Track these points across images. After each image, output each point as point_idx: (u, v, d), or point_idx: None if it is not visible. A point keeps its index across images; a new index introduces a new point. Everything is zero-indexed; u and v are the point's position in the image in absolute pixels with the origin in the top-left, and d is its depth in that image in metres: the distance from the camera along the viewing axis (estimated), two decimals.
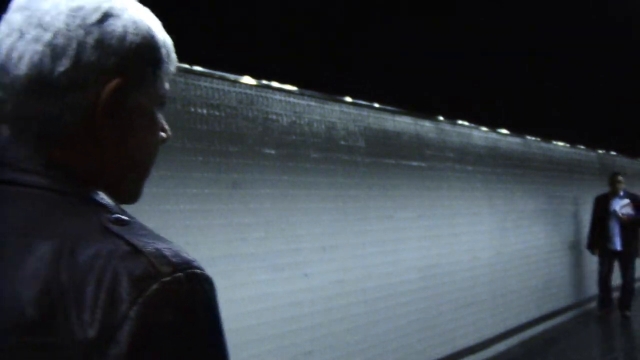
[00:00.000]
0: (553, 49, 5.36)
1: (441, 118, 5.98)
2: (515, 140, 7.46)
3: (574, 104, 7.14)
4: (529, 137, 7.74)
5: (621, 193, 8.31)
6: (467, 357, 5.93)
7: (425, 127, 5.75)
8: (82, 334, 0.60)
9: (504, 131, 7.13)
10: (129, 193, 0.83)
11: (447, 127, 6.10)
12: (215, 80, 3.78)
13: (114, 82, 0.73)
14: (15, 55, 0.70)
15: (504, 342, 6.66)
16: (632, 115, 8.49)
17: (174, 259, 0.65)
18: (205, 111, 3.69)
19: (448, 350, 5.65)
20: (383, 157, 5.12)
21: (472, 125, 6.48)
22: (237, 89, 3.92)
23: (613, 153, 10.65)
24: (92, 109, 0.72)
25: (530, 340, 7.13)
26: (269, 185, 4.05)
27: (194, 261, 0.67)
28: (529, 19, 4.73)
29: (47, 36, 0.70)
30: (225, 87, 3.84)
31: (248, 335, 3.79)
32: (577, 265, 8.73)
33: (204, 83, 3.71)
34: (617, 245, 8.11)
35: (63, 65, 0.70)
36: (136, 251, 0.65)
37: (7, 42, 0.71)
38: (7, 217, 0.68)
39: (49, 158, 0.72)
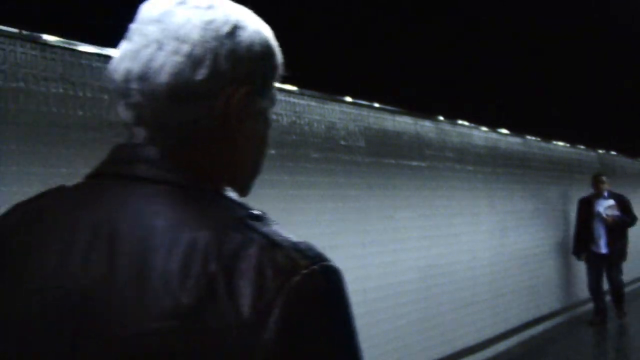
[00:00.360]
0: (553, 49, 5.37)
1: (441, 118, 5.98)
2: (515, 140, 7.46)
3: (574, 104, 7.14)
4: (529, 137, 7.74)
5: (605, 194, 7.98)
6: (467, 357, 5.94)
7: (425, 127, 5.76)
8: (232, 320, 0.67)
9: (504, 131, 7.13)
10: (244, 189, 0.89)
11: (447, 127, 6.10)
12: None
13: (244, 90, 0.80)
14: (155, 65, 0.77)
15: (504, 342, 6.66)
16: (632, 115, 8.48)
17: (309, 253, 0.72)
18: None
19: (448, 350, 5.65)
20: (383, 157, 5.12)
21: (472, 125, 6.48)
22: None
23: (613, 153, 10.65)
24: (225, 114, 0.79)
25: (530, 340, 7.13)
26: (269, 185, 4.04)
27: (324, 254, 0.73)
28: (529, 18, 4.73)
29: (186, 48, 0.77)
30: None
31: None
32: (577, 265, 8.73)
33: None
34: (603, 248, 7.80)
35: (201, 74, 0.77)
36: (275, 245, 0.72)
37: (145, 52, 0.78)
38: (149, 213, 0.74)
39: (182, 158, 0.78)
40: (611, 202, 7.85)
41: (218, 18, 0.79)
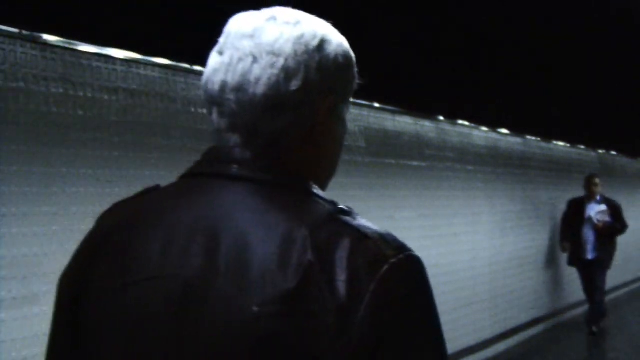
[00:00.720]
0: (553, 49, 5.37)
1: (441, 118, 5.98)
2: (515, 140, 7.46)
3: (574, 104, 7.14)
4: (529, 137, 7.74)
5: (598, 198, 7.49)
6: (467, 357, 5.94)
7: (425, 127, 5.76)
8: (332, 304, 0.74)
9: (504, 131, 7.13)
10: (324, 186, 0.95)
11: (447, 127, 6.10)
12: None
13: (330, 99, 0.89)
14: (251, 77, 0.84)
15: (504, 342, 6.66)
16: (632, 115, 8.48)
17: (395, 244, 0.80)
18: (205, 111, 3.69)
19: (448, 350, 5.65)
20: (383, 157, 5.12)
21: (472, 125, 6.48)
22: None
23: (613, 153, 10.65)
24: (313, 121, 0.88)
25: (530, 340, 7.13)
26: None
27: (407, 245, 0.82)
28: (529, 18, 4.73)
29: (280, 61, 0.84)
30: None
31: None
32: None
33: None
34: (590, 254, 7.34)
35: (295, 85, 0.84)
36: (365, 237, 0.79)
37: (241, 66, 0.85)
38: (246, 208, 0.82)
39: (272, 160, 0.86)
40: (603, 207, 7.44)
41: (307, 33, 0.87)
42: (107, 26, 3.10)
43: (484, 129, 6.71)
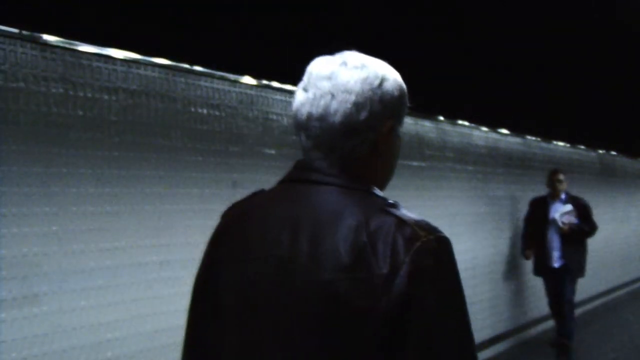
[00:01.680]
0: (553, 49, 5.37)
1: (441, 118, 5.98)
2: (515, 140, 7.46)
3: (574, 104, 7.14)
4: (529, 137, 7.74)
5: (562, 196, 6.43)
6: None
7: (425, 127, 5.76)
8: (378, 271, 1.03)
9: (504, 131, 7.13)
10: (383, 187, 1.24)
11: (447, 127, 6.10)
12: (215, 80, 3.78)
13: (389, 123, 1.19)
14: (331, 110, 1.14)
15: (504, 342, 6.66)
16: (632, 115, 8.48)
17: (426, 227, 1.09)
18: (205, 111, 3.69)
19: None
20: None
21: (472, 125, 6.48)
22: (237, 89, 3.92)
23: (613, 153, 10.65)
24: (376, 141, 1.17)
25: (530, 340, 7.13)
26: (269, 185, 4.04)
27: (438, 228, 1.09)
28: (529, 19, 4.73)
29: (352, 98, 1.14)
30: (225, 87, 3.84)
31: None
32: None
33: (204, 83, 3.70)
34: (556, 262, 6.33)
35: (363, 115, 1.14)
36: (404, 222, 1.08)
37: (323, 101, 1.15)
38: (322, 204, 1.12)
39: (345, 169, 1.16)
40: (569, 207, 6.34)
41: (370, 75, 1.16)
42: (107, 26, 3.10)
43: (484, 129, 6.71)
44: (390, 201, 1.13)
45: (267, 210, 1.19)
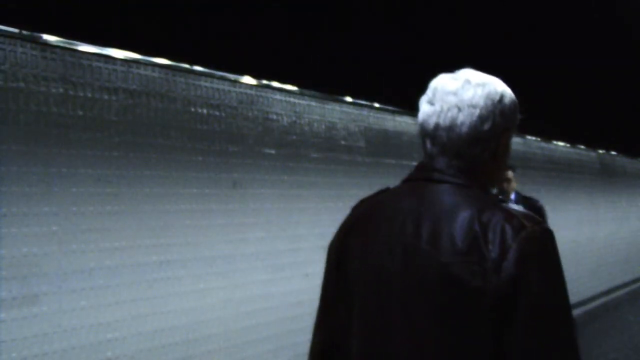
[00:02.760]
0: (553, 49, 5.36)
1: None
2: (516, 140, 7.46)
3: (574, 104, 7.14)
4: (529, 137, 7.74)
5: (513, 197, 5.80)
6: None
7: None
8: (489, 256, 1.19)
9: None
10: (494, 186, 1.48)
11: None
12: (215, 80, 3.78)
13: (507, 133, 1.37)
14: (458, 122, 1.32)
15: None
16: (632, 115, 8.48)
17: (532, 219, 1.24)
18: (205, 111, 3.69)
19: None
20: (383, 157, 5.12)
21: None
22: (237, 89, 3.92)
23: (613, 153, 10.65)
24: (496, 148, 1.35)
25: None
26: (269, 185, 4.04)
27: (543, 221, 1.26)
28: (529, 18, 4.73)
29: (477, 111, 1.32)
30: (225, 87, 3.84)
31: (248, 335, 3.79)
32: (579, 264, 8.74)
33: (204, 83, 3.70)
34: None
35: (487, 126, 1.32)
36: (512, 215, 1.24)
37: (450, 114, 1.32)
38: (442, 199, 1.30)
39: (466, 171, 1.33)
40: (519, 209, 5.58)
41: (491, 91, 1.35)
42: (107, 26, 3.10)
43: None
44: (501, 197, 1.33)
45: (393, 204, 1.37)
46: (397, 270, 1.29)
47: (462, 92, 1.34)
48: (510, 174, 5.52)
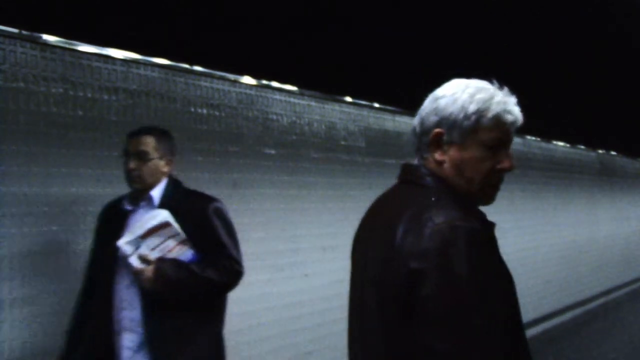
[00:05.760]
0: (553, 49, 5.37)
1: None
2: (516, 140, 7.45)
3: (574, 104, 7.14)
4: (529, 137, 7.74)
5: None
6: None
7: None
8: (417, 248, 1.30)
9: None
10: (463, 186, 1.49)
11: None
12: (215, 80, 3.78)
13: (438, 131, 1.53)
14: (415, 122, 1.62)
15: None
16: (632, 115, 8.49)
17: (446, 217, 1.32)
18: (205, 111, 3.69)
19: None
20: (383, 157, 5.12)
21: None
22: (237, 89, 3.92)
23: (613, 153, 10.65)
24: (428, 145, 1.55)
25: (530, 339, 7.12)
26: (269, 185, 4.05)
27: (459, 218, 1.32)
28: (529, 18, 4.73)
29: (418, 119, 1.60)
30: (225, 87, 3.84)
31: (248, 335, 3.79)
32: (579, 264, 8.75)
33: (204, 83, 3.71)
34: None
35: (421, 125, 1.62)
36: (435, 214, 1.32)
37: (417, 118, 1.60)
38: (395, 199, 1.50)
39: (426, 171, 1.52)
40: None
41: (435, 92, 1.62)
42: (107, 26, 3.10)
43: None
44: (436, 198, 1.40)
45: (379, 202, 1.58)
46: (363, 261, 1.49)
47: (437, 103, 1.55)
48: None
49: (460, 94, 1.48)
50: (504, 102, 1.49)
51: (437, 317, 1.25)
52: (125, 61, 3.26)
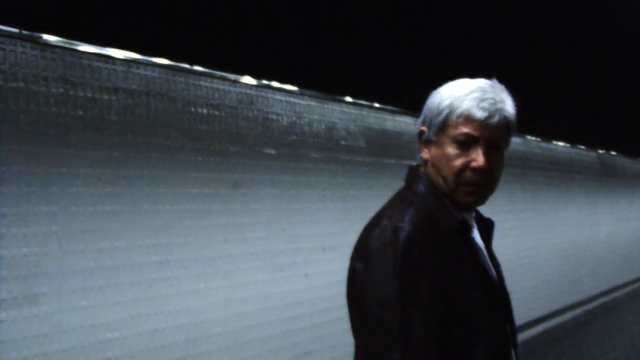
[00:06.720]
0: (553, 49, 5.37)
1: None
2: (515, 140, 7.46)
3: (574, 104, 7.14)
4: (529, 137, 7.74)
5: None
6: None
7: None
8: (359, 247, 1.39)
9: None
10: (442, 186, 1.47)
11: None
12: (215, 80, 3.78)
13: (423, 131, 1.51)
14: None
15: None
16: (632, 115, 8.48)
17: (392, 219, 1.34)
18: (205, 111, 3.69)
19: None
20: (383, 157, 5.12)
21: None
22: (237, 89, 3.92)
23: (613, 153, 10.65)
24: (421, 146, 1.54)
25: (530, 340, 7.13)
26: (269, 185, 4.04)
27: (401, 222, 1.32)
28: (529, 18, 4.73)
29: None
30: (225, 87, 3.84)
31: (248, 335, 3.79)
32: (578, 265, 8.75)
33: (204, 83, 3.70)
34: None
35: (419, 125, 1.57)
36: (384, 217, 1.38)
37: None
38: (387, 200, 1.53)
39: (415, 172, 1.54)
40: None
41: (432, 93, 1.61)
42: (107, 26, 3.10)
43: None
44: (407, 197, 1.44)
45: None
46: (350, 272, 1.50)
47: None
48: None
49: (443, 91, 1.46)
50: (481, 99, 1.39)
51: (356, 319, 1.31)
52: (125, 61, 3.26)
